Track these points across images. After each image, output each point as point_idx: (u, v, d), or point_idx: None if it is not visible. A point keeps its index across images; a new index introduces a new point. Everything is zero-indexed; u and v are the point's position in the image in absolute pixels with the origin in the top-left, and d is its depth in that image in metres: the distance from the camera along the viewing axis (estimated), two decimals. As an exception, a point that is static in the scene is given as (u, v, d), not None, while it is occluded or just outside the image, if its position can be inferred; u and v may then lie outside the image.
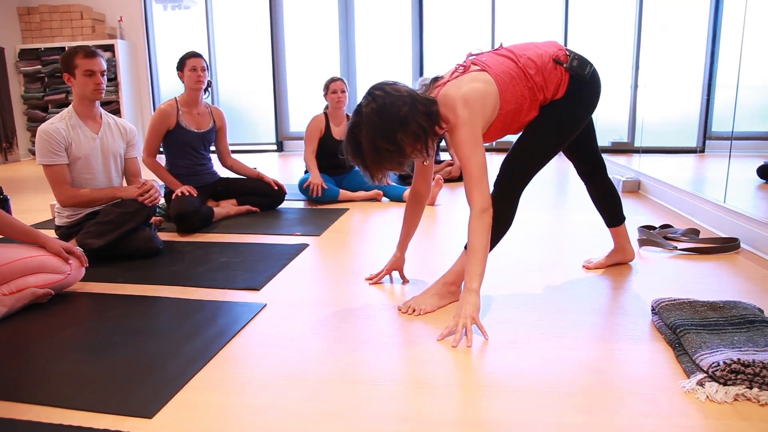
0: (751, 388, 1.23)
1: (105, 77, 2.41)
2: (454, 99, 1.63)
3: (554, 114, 1.77)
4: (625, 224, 2.15)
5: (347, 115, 3.75)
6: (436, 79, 1.77)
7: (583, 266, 2.20)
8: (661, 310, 1.62)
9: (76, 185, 2.43)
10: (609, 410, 1.21)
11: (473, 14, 6.73)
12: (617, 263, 2.21)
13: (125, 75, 6.93)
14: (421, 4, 6.77)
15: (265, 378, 1.38)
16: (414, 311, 1.77)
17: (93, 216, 2.46)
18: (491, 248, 1.73)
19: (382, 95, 1.60)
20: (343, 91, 3.65)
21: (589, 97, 1.80)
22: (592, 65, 1.79)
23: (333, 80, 3.67)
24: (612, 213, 2.12)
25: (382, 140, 1.58)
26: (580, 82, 1.76)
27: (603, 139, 6.13)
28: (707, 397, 1.24)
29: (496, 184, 1.79)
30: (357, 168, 3.83)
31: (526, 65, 1.72)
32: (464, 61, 1.75)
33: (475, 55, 1.78)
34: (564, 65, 1.74)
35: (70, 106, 2.44)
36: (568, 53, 1.76)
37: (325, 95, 3.71)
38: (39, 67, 6.86)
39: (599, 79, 1.83)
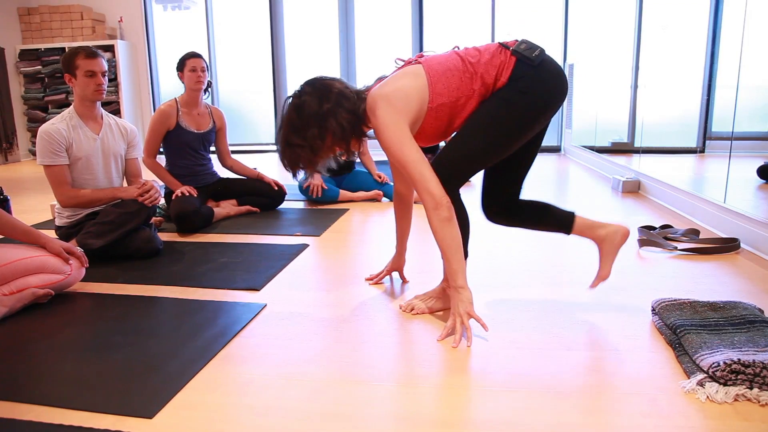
0: (751, 388, 1.24)
1: (106, 78, 2.42)
2: (375, 99, 1.59)
3: (492, 104, 1.60)
4: (577, 214, 1.79)
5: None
6: (380, 78, 1.73)
7: (591, 287, 1.91)
8: (661, 310, 1.62)
9: (76, 186, 2.43)
10: (609, 410, 1.21)
11: (473, 14, 6.73)
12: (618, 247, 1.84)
13: (125, 75, 6.93)
14: (421, 4, 6.77)
15: (266, 378, 1.38)
16: (413, 310, 1.78)
17: (93, 216, 2.46)
18: (465, 253, 1.66)
19: (309, 90, 1.60)
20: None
21: (534, 85, 1.58)
22: (543, 51, 1.60)
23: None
24: (558, 219, 1.79)
25: (294, 135, 1.59)
26: (526, 66, 1.57)
27: (603, 139, 6.13)
28: (707, 397, 1.24)
29: None
30: (357, 168, 3.86)
31: (468, 53, 1.64)
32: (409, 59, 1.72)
33: (424, 56, 1.71)
34: (510, 48, 1.61)
35: (71, 106, 2.44)
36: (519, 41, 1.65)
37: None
38: (39, 67, 6.86)
39: (557, 72, 1.63)
